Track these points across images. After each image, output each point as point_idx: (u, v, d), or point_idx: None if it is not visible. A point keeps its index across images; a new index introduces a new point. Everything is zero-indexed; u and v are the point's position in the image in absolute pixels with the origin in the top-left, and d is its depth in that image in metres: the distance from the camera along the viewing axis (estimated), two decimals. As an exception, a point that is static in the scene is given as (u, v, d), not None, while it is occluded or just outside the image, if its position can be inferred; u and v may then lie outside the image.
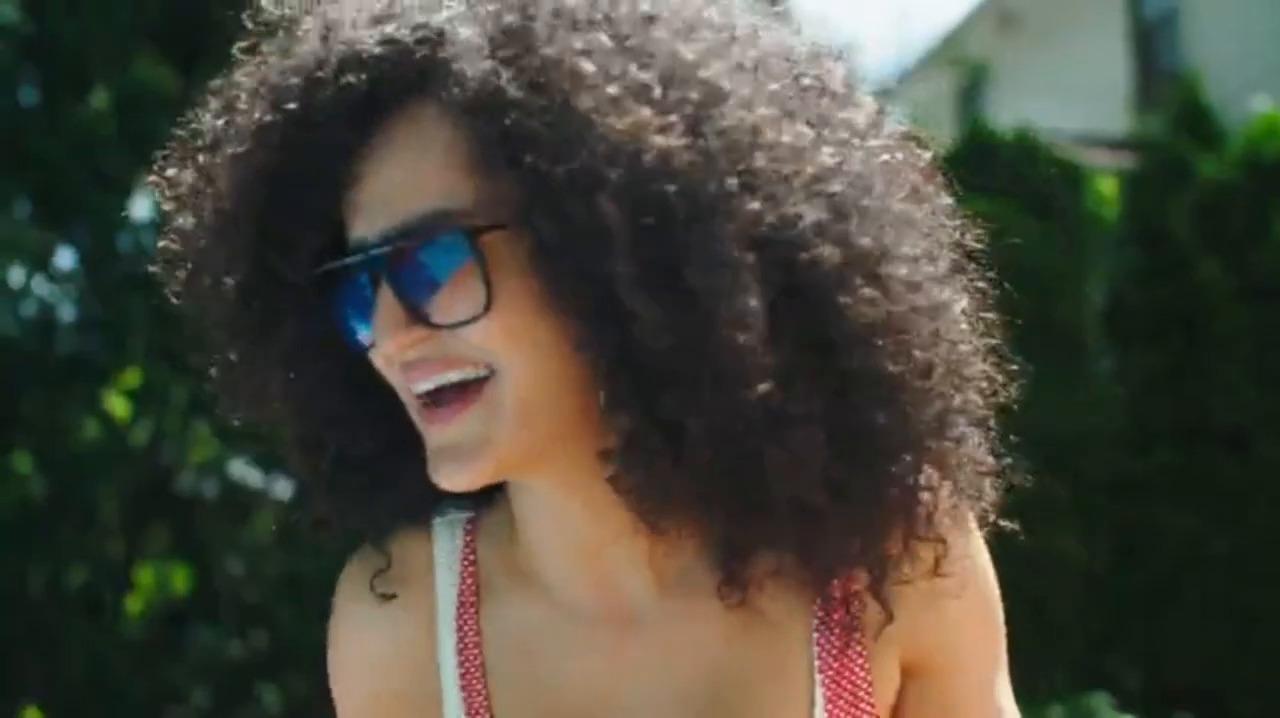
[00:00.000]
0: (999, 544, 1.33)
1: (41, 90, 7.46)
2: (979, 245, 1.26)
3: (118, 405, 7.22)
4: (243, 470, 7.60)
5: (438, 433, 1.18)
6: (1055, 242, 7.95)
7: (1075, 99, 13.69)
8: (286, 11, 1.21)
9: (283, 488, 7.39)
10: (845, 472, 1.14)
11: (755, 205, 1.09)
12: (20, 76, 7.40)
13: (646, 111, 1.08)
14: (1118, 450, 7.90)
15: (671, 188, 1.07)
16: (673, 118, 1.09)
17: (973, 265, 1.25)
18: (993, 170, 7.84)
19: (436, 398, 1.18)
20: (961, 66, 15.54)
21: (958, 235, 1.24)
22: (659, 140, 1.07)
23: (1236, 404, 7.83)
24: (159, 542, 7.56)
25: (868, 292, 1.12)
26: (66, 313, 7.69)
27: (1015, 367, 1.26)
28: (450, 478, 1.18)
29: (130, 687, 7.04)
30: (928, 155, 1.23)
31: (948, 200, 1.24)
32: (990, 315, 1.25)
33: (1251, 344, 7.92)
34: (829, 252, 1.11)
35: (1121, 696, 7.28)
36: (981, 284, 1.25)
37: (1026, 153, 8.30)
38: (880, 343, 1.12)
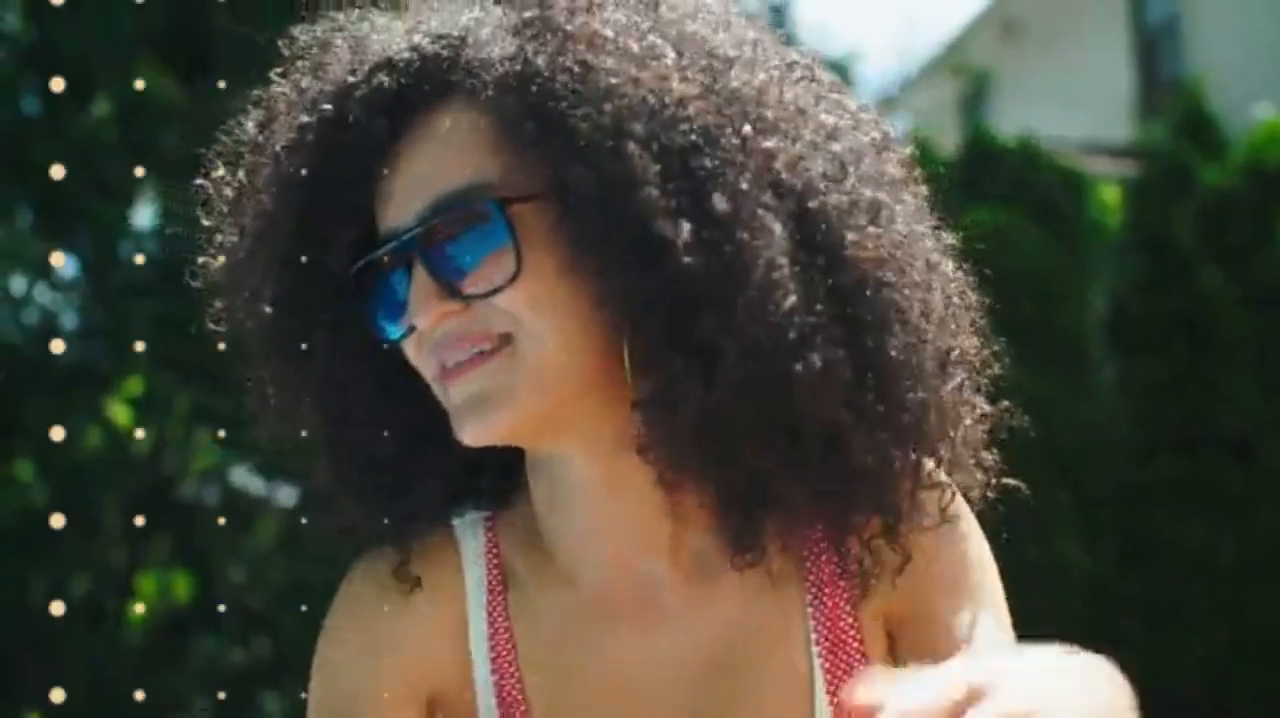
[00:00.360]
0: (1003, 554, 1.34)
1: (43, 99, 7.46)
2: (980, 251, 1.35)
3: (120, 413, 7.23)
4: (244, 478, 7.62)
5: (457, 390, 1.25)
6: (1058, 249, 7.96)
7: (1078, 107, 13.69)
8: (318, 35, 1.30)
9: (285, 496, 7.39)
10: (864, 397, 1.21)
11: (769, 145, 1.19)
12: (22, 85, 7.41)
13: (667, 62, 1.19)
14: (1121, 459, 7.90)
15: (692, 133, 1.17)
16: (689, 74, 1.19)
17: (968, 265, 1.34)
18: (995, 178, 7.86)
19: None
20: (965, 74, 15.56)
21: (940, 223, 1.33)
22: (679, 88, 1.18)
23: (1240, 412, 7.83)
24: (161, 550, 7.57)
25: (872, 229, 1.21)
26: (68, 321, 7.72)
27: (998, 347, 1.35)
28: (474, 431, 1.24)
29: (132, 695, 7.03)
30: (907, 149, 1.33)
31: (924, 188, 1.33)
32: (982, 302, 1.34)
33: (1255, 351, 7.92)
34: (835, 199, 1.20)
35: (1125, 704, 7.25)
36: (975, 281, 1.34)
37: (1029, 160, 8.31)
38: (884, 277, 1.21)
